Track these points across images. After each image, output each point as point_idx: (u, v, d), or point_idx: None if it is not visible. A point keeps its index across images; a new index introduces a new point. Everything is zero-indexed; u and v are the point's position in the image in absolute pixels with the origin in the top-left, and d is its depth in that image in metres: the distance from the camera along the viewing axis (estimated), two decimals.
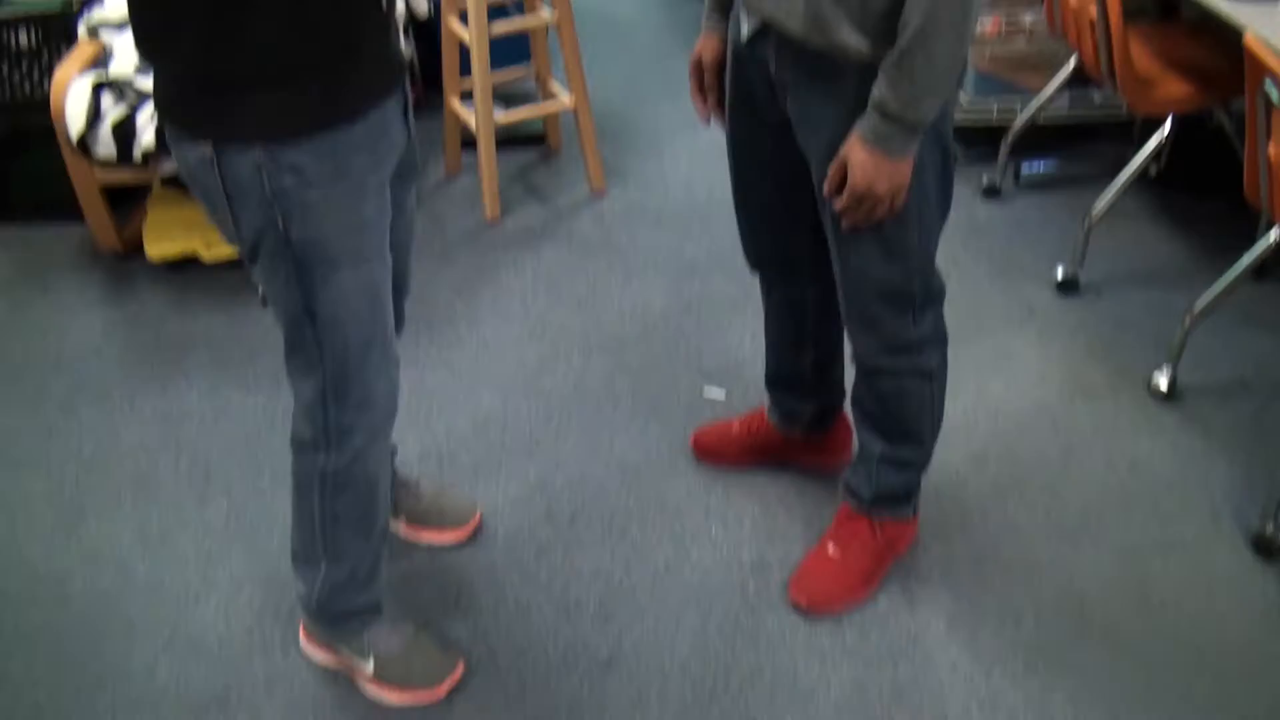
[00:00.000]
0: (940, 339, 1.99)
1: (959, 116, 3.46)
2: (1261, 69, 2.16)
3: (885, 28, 1.60)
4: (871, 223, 1.74)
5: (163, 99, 1.63)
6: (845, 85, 1.67)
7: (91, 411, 2.76)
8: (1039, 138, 3.60)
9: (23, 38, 3.52)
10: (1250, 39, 2.20)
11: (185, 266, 3.24)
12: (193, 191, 1.66)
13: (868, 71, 1.64)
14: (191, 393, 2.81)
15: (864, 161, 1.65)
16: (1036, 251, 3.24)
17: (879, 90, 1.61)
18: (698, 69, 2.04)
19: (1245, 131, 2.33)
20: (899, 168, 1.67)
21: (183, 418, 2.72)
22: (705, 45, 2.01)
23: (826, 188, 1.74)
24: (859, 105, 1.65)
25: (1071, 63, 3.21)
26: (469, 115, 3.46)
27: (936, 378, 2.02)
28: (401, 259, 1.97)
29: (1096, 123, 3.69)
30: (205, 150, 1.57)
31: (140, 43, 1.59)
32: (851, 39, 1.63)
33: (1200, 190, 3.45)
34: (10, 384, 2.87)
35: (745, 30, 1.82)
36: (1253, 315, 2.93)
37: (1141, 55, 3.00)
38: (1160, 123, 3.08)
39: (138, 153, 3.00)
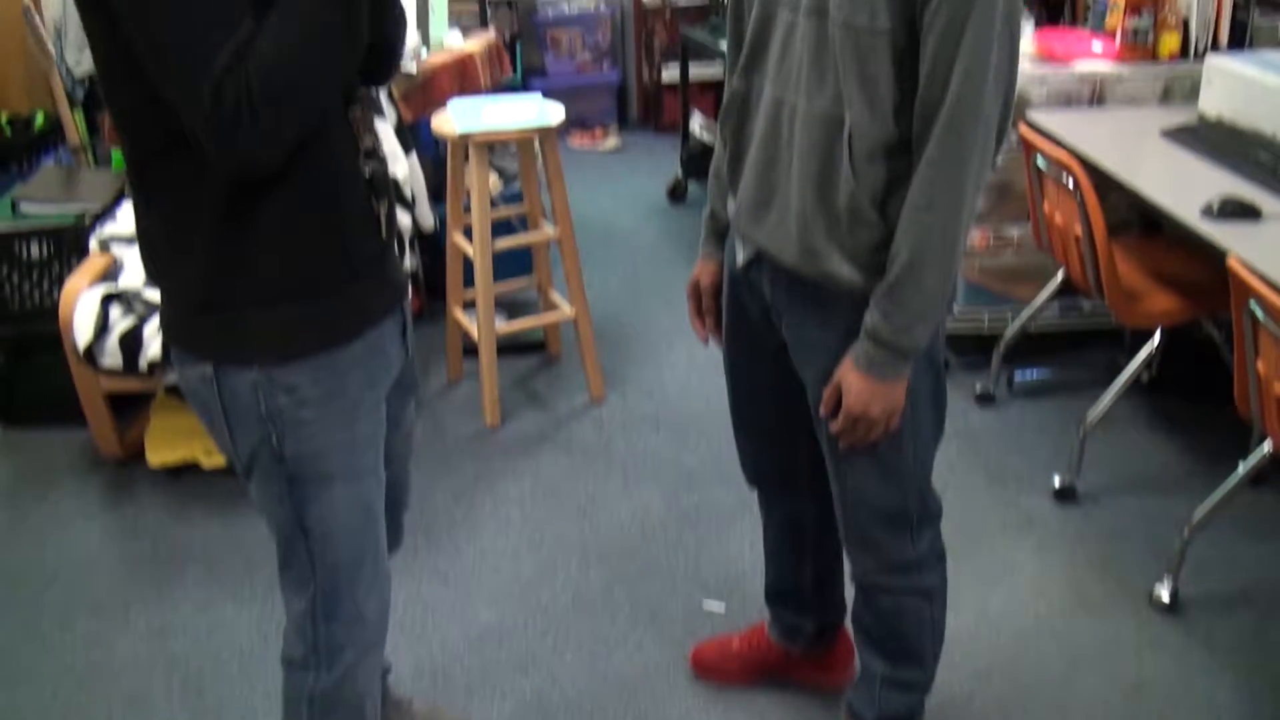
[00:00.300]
0: (939, 557, 1.99)
1: (950, 325, 3.53)
2: (1246, 290, 2.22)
3: (876, 260, 1.65)
4: (867, 444, 1.76)
5: (166, 319, 1.68)
6: (838, 313, 1.72)
7: (88, 624, 2.72)
8: (1031, 345, 3.66)
9: (35, 249, 3.61)
10: (1233, 262, 2.26)
11: (185, 472, 3.25)
12: (192, 406, 1.69)
13: (860, 300, 1.68)
14: (187, 604, 2.78)
15: (859, 386, 1.68)
16: (1032, 459, 3.25)
17: (871, 318, 1.65)
18: (695, 293, 2.09)
19: (1233, 344, 2.38)
20: (893, 391, 1.70)
21: (177, 631, 2.69)
22: (703, 270, 2.07)
23: (822, 410, 1.77)
24: (852, 332, 1.69)
25: (1059, 275, 3.29)
26: (471, 324, 3.52)
27: (936, 597, 2.01)
28: (400, 473, 1.99)
29: (1087, 330, 3.75)
30: (205, 369, 1.61)
31: (146, 264, 1.64)
32: (843, 270, 1.68)
33: (1192, 395, 3.49)
34: (9, 596, 2.85)
35: (741, 258, 1.87)
36: (1251, 524, 2.93)
37: (1127, 269, 3.07)
38: (1150, 331, 3.14)
39: (143, 363, 3.04)
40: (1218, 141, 3.02)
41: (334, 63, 1.48)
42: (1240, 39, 3.61)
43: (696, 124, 5.34)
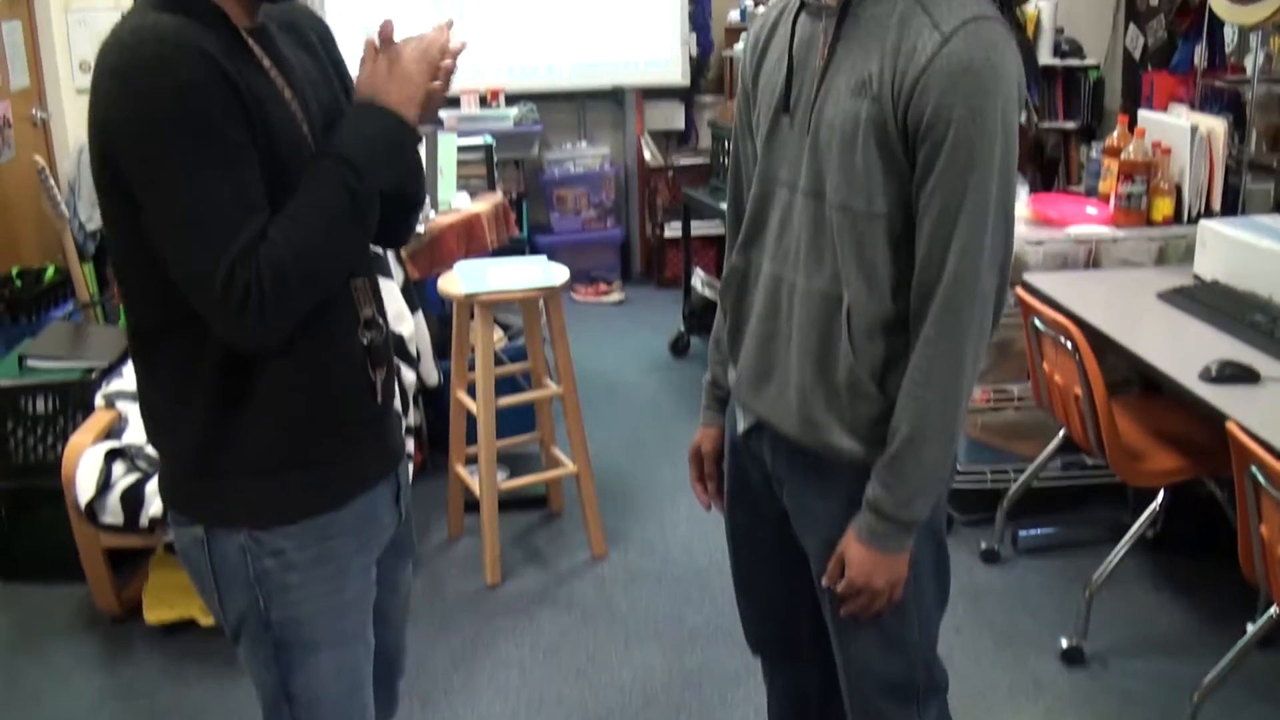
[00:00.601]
0: None
1: (953, 483, 3.52)
2: (1247, 456, 2.22)
3: (877, 433, 1.66)
4: (871, 614, 1.75)
5: (162, 480, 1.71)
6: (840, 483, 1.72)
7: None
8: (1034, 501, 3.64)
9: (40, 404, 3.63)
10: (1232, 427, 2.27)
11: (181, 630, 3.21)
12: (185, 568, 1.70)
13: (862, 471, 1.68)
14: None
15: (861, 558, 1.68)
16: (1039, 619, 3.22)
17: (873, 491, 1.65)
18: (697, 458, 2.09)
19: (1237, 506, 2.37)
20: (896, 562, 1.69)
21: None
22: (704, 436, 2.07)
23: (826, 581, 1.76)
24: (854, 502, 1.69)
25: (1061, 434, 3.30)
26: (473, 481, 3.52)
27: None
28: (395, 637, 1.97)
29: (1090, 486, 3.75)
30: (197, 531, 1.64)
31: (146, 426, 1.68)
32: (844, 442, 1.69)
33: (1198, 553, 3.47)
34: None
35: (741, 425, 1.89)
36: (1261, 685, 2.88)
37: (1128, 428, 3.08)
38: (1154, 488, 3.13)
39: (144, 520, 3.03)
40: (1214, 303, 3.06)
41: (343, 252, 1.53)
42: (1233, 203, 3.68)
43: (698, 280, 5.41)
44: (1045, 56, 6.22)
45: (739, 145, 1.91)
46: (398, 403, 1.87)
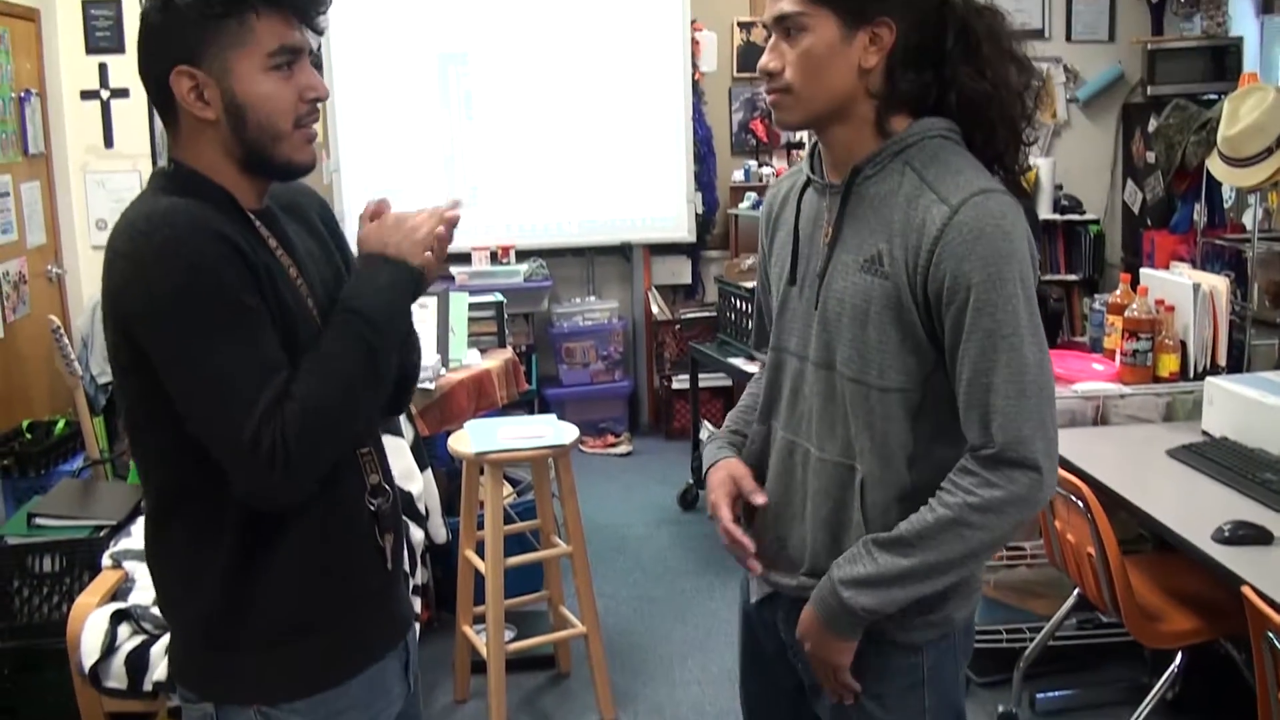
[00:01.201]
0: None
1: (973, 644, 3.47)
2: (1264, 621, 2.20)
3: None
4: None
5: (172, 654, 1.71)
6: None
7: None
8: (1050, 659, 3.58)
9: (47, 563, 3.62)
10: (1249, 592, 2.25)
11: None
12: None
13: (881, 642, 1.67)
14: None
15: (807, 617, 1.69)
16: None
17: (842, 557, 1.65)
18: (728, 489, 1.85)
19: (1255, 669, 2.33)
20: (834, 645, 1.67)
21: None
22: (726, 462, 1.89)
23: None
24: (869, 673, 1.67)
25: (1076, 591, 3.26)
26: (480, 642, 3.48)
27: None
28: None
29: (1107, 645, 3.69)
30: (207, 709, 1.63)
31: (158, 595, 1.68)
32: None
33: (1218, 715, 3.40)
34: None
35: (755, 595, 1.87)
36: None
37: (1143, 588, 3.05)
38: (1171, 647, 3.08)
39: (148, 684, 2.99)
40: (1224, 461, 3.05)
41: (363, 408, 1.56)
42: (1238, 359, 3.71)
43: (706, 434, 5.41)
44: (1045, 212, 6.34)
45: (762, 308, 1.94)
46: (406, 566, 1.86)
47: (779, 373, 1.81)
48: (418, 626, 1.90)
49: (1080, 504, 2.88)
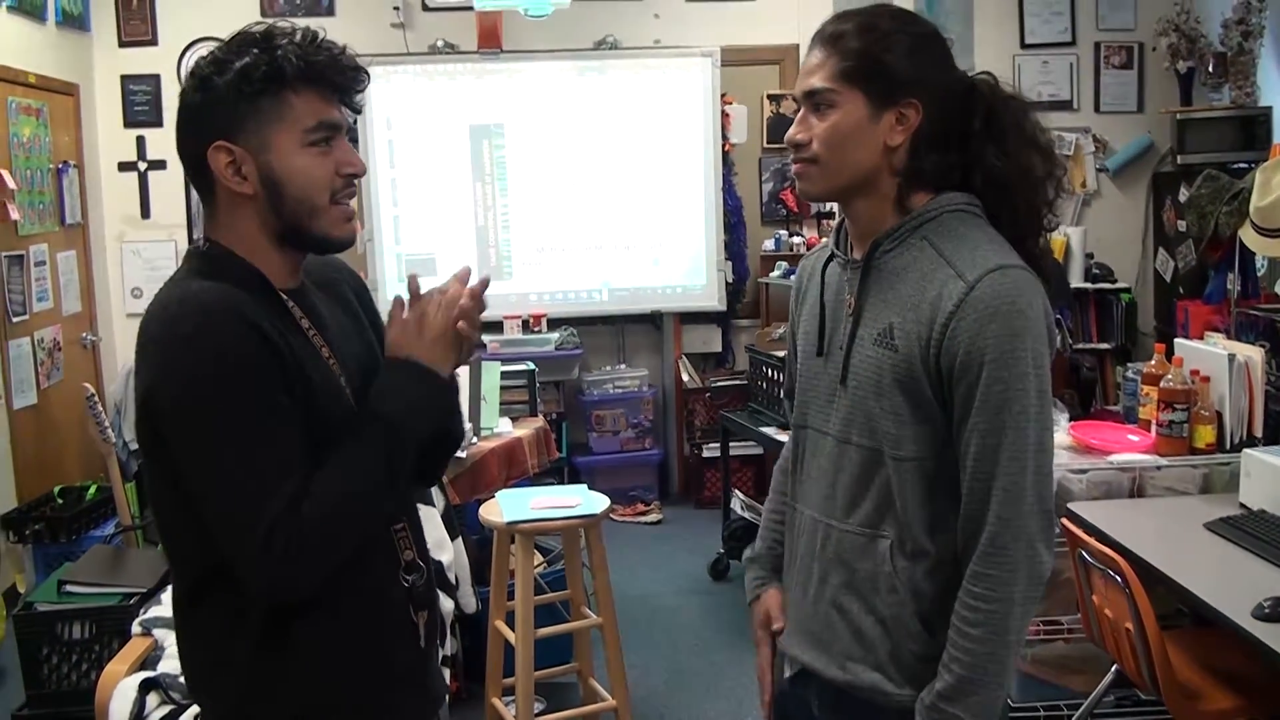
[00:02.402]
0: None
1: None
2: None
3: (924, 674, 1.65)
4: None
5: None
6: None
7: None
8: None
9: (77, 630, 3.63)
10: None
11: None
12: None
13: (909, 716, 1.65)
14: None
15: None
16: None
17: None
18: (766, 623, 1.95)
19: None
20: None
21: None
22: (769, 599, 1.95)
23: None
24: None
25: (1114, 668, 3.21)
26: (510, 714, 3.45)
27: None
28: None
29: None
30: None
31: (186, 678, 1.66)
32: (890, 685, 1.67)
33: None
34: None
35: (787, 671, 1.85)
36: None
37: (1182, 665, 3.00)
38: None
39: None
40: (1262, 534, 3.00)
41: (376, 517, 1.58)
42: (1274, 429, 3.66)
43: (738, 502, 5.39)
44: (1077, 280, 6.33)
45: (793, 372, 1.95)
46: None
47: (800, 446, 1.83)
48: (448, 699, 1.88)
49: (1119, 579, 2.84)
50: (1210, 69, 6.27)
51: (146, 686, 3.08)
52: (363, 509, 1.52)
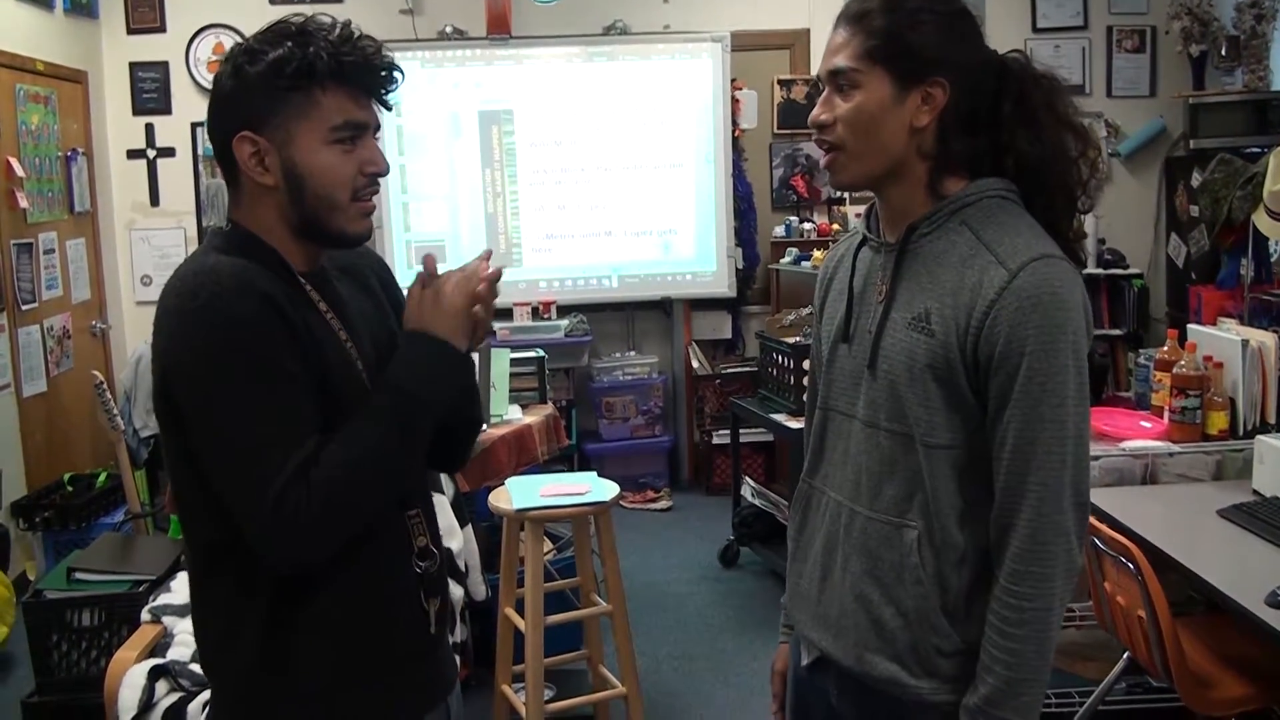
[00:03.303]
0: None
1: None
2: None
3: (946, 668, 1.63)
4: None
5: (211, 713, 1.70)
6: None
7: None
8: None
9: (86, 617, 3.63)
10: None
11: None
12: None
13: (931, 711, 1.64)
14: None
15: None
16: None
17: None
18: (778, 680, 1.99)
19: None
20: None
21: None
22: (780, 655, 1.99)
23: None
24: None
25: (1125, 655, 3.19)
26: (519, 701, 3.45)
27: None
28: None
29: (1158, 709, 3.60)
30: None
31: (199, 650, 1.68)
32: (912, 679, 1.65)
33: None
34: None
35: (805, 658, 1.84)
36: None
37: (1195, 652, 2.98)
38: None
39: None
40: (1275, 521, 2.98)
41: (391, 485, 1.57)
42: None
43: (748, 489, 5.38)
44: (1089, 266, 6.30)
45: (815, 372, 1.92)
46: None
47: (825, 431, 1.80)
48: (459, 685, 1.88)
49: (1131, 566, 2.83)
50: (1223, 52, 6.23)
51: (156, 674, 3.08)
52: (374, 477, 1.51)
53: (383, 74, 1.60)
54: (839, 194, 6.48)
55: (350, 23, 1.58)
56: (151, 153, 6.47)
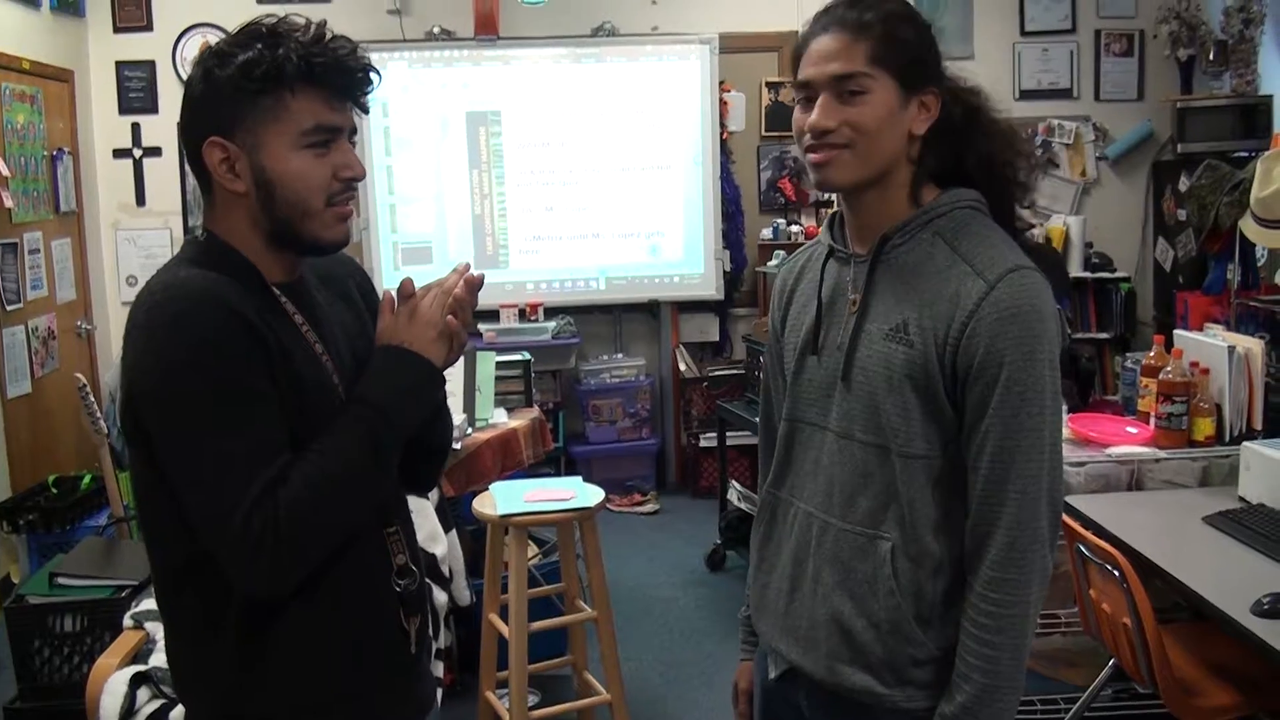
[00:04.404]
0: None
1: None
2: None
3: (919, 677, 1.64)
4: None
5: None
6: None
7: None
8: None
9: (68, 623, 3.61)
10: None
11: None
12: None
13: (903, 717, 1.64)
14: None
15: None
16: None
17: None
18: (738, 696, 2.01)
19: None
20: None
21: None
22: (742, 673, 2.01)
23: None
24: None
25: (1111, 662, 3.19)
26: (503, 707, 3.43)
27: None
28: None
29: (1143, 716, 3.60)
30: None
31: (172, 676, 1.64)
32: (884, 688, 1.65)
33: None
34: None
35: (773, 671, 1.83)
36: None
37: (1180, 660, 2.98)
38: None
39: None
40: (1261, 529, 2.98)
41: (362, 501, 1.53)
42: (1274, 422, 3.64)
43: (734, 493, 5.37)
44: (1076, 269, 6.31)
45: (770, 382, 1.93)
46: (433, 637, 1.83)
47: (793, 443, 1.79)
48: (440, 694, 1.87)
49: (1116, 573, 2.82)
50: (1211, 57, 6.24)
51: (138, 680, 3.06)
52: (344, 494, 1.48)
53: (357, 75, 1.55)
54: (826, 196, 6.48)
55: (324, 23, 1.54)
56: (138, 152, 6.44)
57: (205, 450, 1.43)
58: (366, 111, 1.61)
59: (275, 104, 1.50)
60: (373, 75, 1.58)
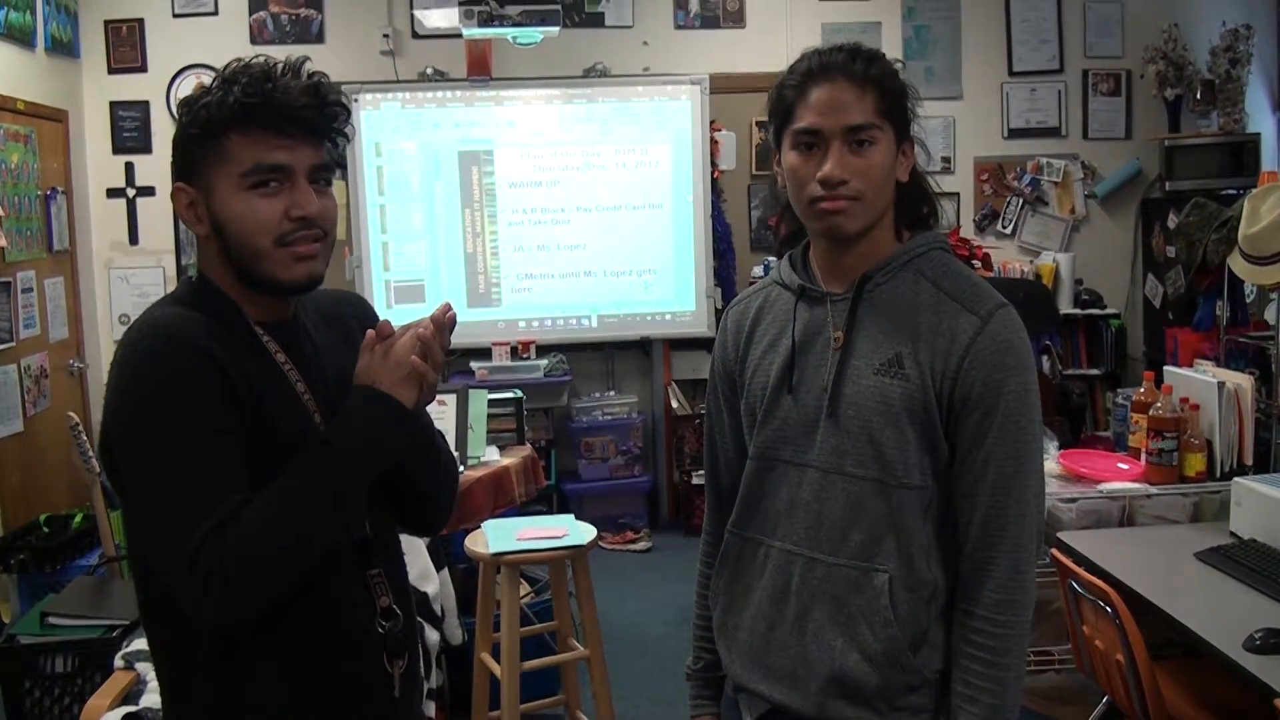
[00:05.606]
0: None
1: None
2: None
3: (912, 703, 1.66)
4: None
5: None
6: None
7: None
8: None
9: (59, 663, 3.59)
10: None
11: None
12: None
13: None
14: None
15: None
16: None
17: None
18: None
19: None
20: None
21: None
22: None
23: None
24: None
25: (1105, 699, 3.19)
26: None
27: None
28: None
29: None
30: None
31: (163, 702, 1.63)
32: (871, 717, 1.67)
33: None
34: None
35: (748, 715, 1.82)
36: None
37: (1174, 697, 2.98)
38: None
39: None
40: (1253, 565, 2.99)
41: (314, 544, 1.51)
42: (1265, 457, 3.66)
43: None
44: (1066, 306, 6.34)
45: (714, 425, 1.92)
46: (424, 676, 1.82)
47: (763, 482, 1.78)
48: None
49: (1109, 610, 2.82)
50: (1198, 96, 6.30)
51: None
52: (296, 534, 1.46)
53: (303, 112, 1.53)
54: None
55: (300, 61, 1.55)
56: (131, 192, 6.45)
57: (158, 485, 1.44)
58: (336, 146, 1.60)
59: (217, 147, 1.53)
60: (336, 110, 1.57)
